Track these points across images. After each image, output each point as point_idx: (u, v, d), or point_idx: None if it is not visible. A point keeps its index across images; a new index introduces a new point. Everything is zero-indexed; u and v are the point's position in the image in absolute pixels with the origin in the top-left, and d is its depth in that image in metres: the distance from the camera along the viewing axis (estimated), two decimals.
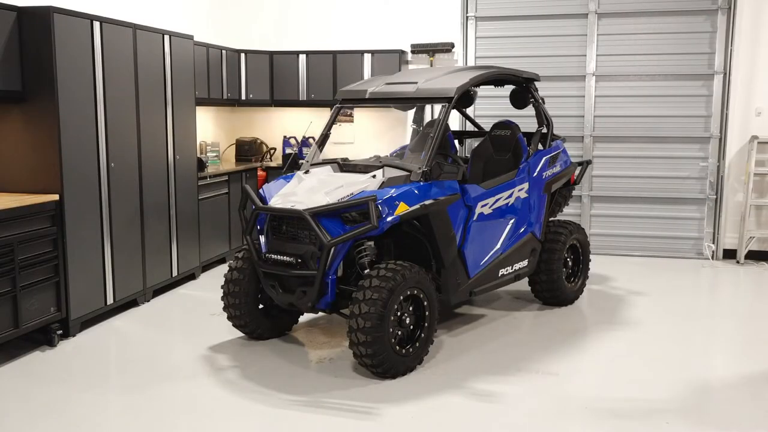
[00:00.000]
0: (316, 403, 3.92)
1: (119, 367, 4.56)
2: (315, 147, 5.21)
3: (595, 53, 7.71)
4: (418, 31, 7.97)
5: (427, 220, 4.50)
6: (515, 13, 7.88)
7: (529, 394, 4.06)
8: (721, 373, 4.48)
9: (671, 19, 7.53)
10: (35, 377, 4.27)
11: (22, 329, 4.50)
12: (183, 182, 6.29)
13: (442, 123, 4.71)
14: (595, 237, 7.78)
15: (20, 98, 4.72)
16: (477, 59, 8.00)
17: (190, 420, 3.74)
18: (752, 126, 7.36)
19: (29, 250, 4.56)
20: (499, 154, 5.66)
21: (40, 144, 4.76)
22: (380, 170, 4.61)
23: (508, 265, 5.24)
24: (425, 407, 3.87)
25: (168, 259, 6.12)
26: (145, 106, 5.69)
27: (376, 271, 4.18)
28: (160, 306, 5.82)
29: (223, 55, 7.58)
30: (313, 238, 4.33)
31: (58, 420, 3.71)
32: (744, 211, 7.35)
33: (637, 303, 5.91)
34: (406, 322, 4.28)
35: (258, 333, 4.86)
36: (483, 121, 7.24)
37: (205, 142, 7.88)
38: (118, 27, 5.32)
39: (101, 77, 5.13)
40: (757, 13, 7.22)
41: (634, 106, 7.72)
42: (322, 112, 8.24)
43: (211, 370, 4.41)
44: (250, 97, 8.07)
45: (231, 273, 4.75)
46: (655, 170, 7.74)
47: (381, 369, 4.16)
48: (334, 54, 7.93)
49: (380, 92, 5.12)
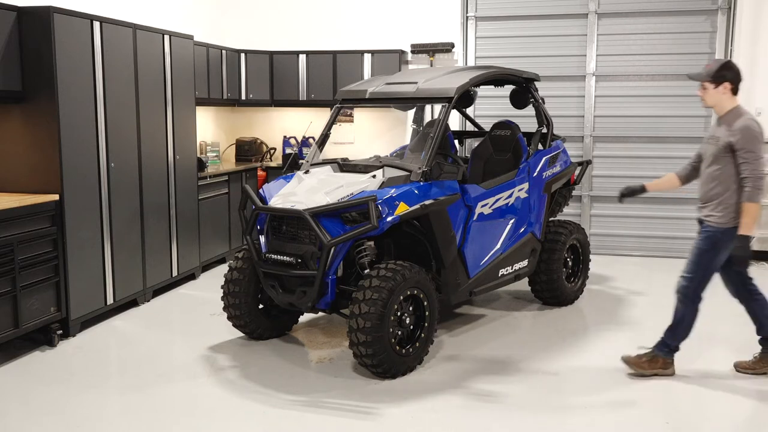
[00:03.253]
0: (316, 403, 3.92)
1: (119, 367, 4.56)
2: (315, 147, 5.21)
3: (595, 53, 7.71)
4: (418, 31, 7.97)
5: (427, 220, 4.50)
6: (515, 13, 7.88)
7: (529, 394, 4.06)
8: (721, 373, 4.48)
9: (671, 19, 7.53)
10: (35, 377, 4.27)
11: (22, 329, 4.50)
12: (183, 182, 6.29)
13: (442, 123, 4.71)
14: (595, 237, 7.77)
15: (20, 98, 4.72)
16: (477, 59, 8.00)
17: (190, 420, 3.74)
18: None
19: (29, 250, 4.56)
20: (499, 154, 5.66)
21: (40, 144, 4.76)
22: (380, 170, 4.61)
23: (508, 265, 5.24)
24: (425, 407, 3.87)
25: (168, 259, 6.12)
26: (145, 106, 5.69)
27: (376, 271, 4.18)
28: (160, 306, 5.82)
29: (223, 55, 7.58)
30: (313, 238, 4.33)
31: (58, 420, 3.71)
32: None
33: (637, 303, 5.90)
34: (406, 322, 4.28)
35: (258, 333, 4.86)
36: (483, 121, 7.23)
37: (205, 142, 7.88)
38: (118, 27, 5.31)
39: (101, 77, 5.13)
40: (757, 13, 7.22)
41: (634, 106, 7.72)
42: (322, 112, 8.24)
43: (211, 370, 4.41)
44: (250, 97, 8.07)
45: (231, 273, 4.75)
46: (655, 170, 7.71)
47: (381, 369, 4.16)
48: (334, 54, 7.93)
49: (380, 92, 5.12)
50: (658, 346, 4.32)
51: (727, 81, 4.04)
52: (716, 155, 4.06)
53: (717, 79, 4.05)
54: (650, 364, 4.29)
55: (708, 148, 4.16)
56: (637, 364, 4.31)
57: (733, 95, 4.08)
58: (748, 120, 3.97)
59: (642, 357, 4.33)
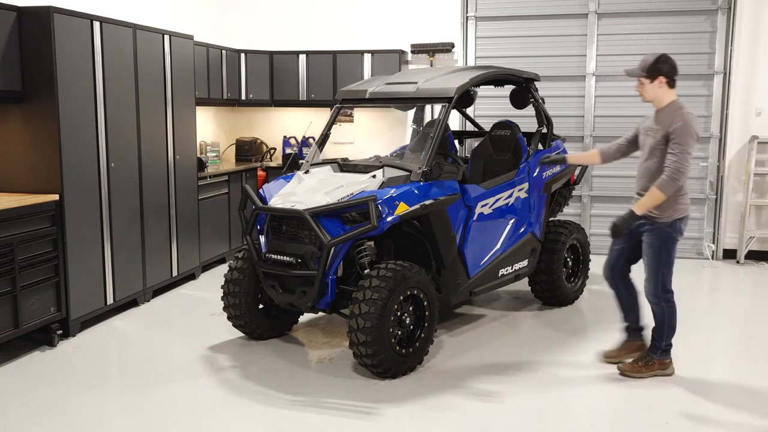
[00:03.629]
0: (316, 403, 3.92)
1: (119, 367, 4.56)
2: (315, 147, 5.21)
3: (595, 53, 7.71)
4: (418, 31, 7.97)
5: (427, 220, 4.50)
6: (515, 13, 7.88)
7: (529, 394, 4.06)
8: (721, 373, 4.48)
9: (671, 19, 7.53)
10: (35, 377, 4.27)
11: (22, 329, 4.50)
12: (183, 182, 6.29)
13: (442, 123, 4.71)
14: (595, 237, 7.77)
15: (20, 98, 4.72)
16: (477, 59, 8.00)
17: (190, 420, 3.74)
18: (752, 126, 7.36)
19: (29, 250, 4.56)
20: (499, 154, 5.66)
21: (40, 144, 4.76)
22: (380, 170, 4.61)
23: (508, 265, 5.24)
24: (425, 407, 3.87)
25: (168, 259, 6.12)
26: (145, 106, 5.69)
27: (376, 271, 4.18)
28: (160, 306, 5.82)
29: (223, 55, 7.58)
30: (313, 238, 4.33)
31: (58, 420, 3.71)
32: (744, 211, 7.35)
33: None
34: (406, 322, 4.28)
35: (258, 333, 4.86)
36: (483, 121, 7.23)
37: (205, 142, 7.88)
38: (118, 27, 5.31)
39: (101, 77, 5.13)
40: (757, 13, 7.22)
41: (634, 106, 7.69)
42: (322, 112, 8.24)
43: (211, 370, 4.41)
44: (250, 97, 8.07)
45: (231, 273, 4.75)
46: None
47: (381, 369, 4.16)
48: (334, 54, 7.93)
49: (380, 92, 5.12)
50: (651, 349, 4.31)
51: (662, 75, 4.07)
52: (654, 148, 4.09)
53: (652, 73, 4.08)
54: (647, 367, 4.27)
55: (646, 141, 4.18)
56: (633, 369, 4.29)
57: (669, 88, 4.10)
58: (687, 114, 4.00)
59: (638, 362, 4.31)
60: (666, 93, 4.10)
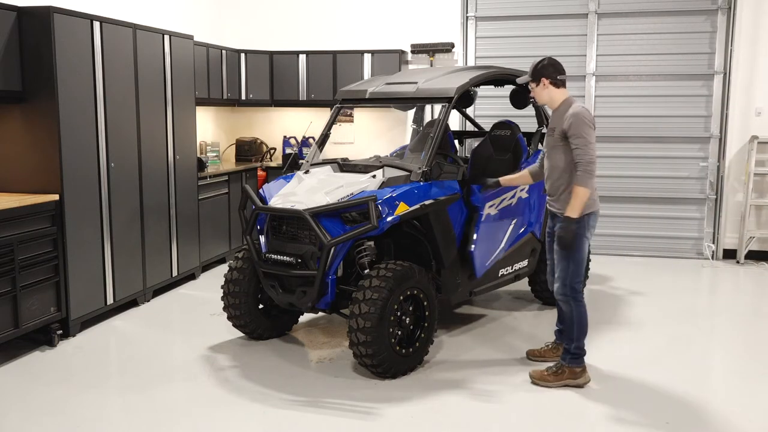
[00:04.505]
0: (316, 403, 3.92)
1: (119, 367, 4.56)
2: (315, 147, 5.21)
3: (595, 53, 7.71)
4: (418, 31, 7.97)
5: (427, 220, 4.50)
6: (515, 13, 7.88)
7: (529, 394, 4.06)
8: (721, 373, 4.48)
9: (671, 19, 7.53)
10: (35, 377, 4.27)
11: (22, 329, 4.50)
12: (183, 182, 6.29)
13: (442, 123, 4.71)
14: (595, 237, 7.74)
15: (20, 98, 4.72)
16: (477, 59, 8.00)
17: (190, 420, 3.74)
18: (752, 126, 7.36)
19: (29, 250, 4.56)
20: (499, 154, 5.66)
21: (40, 144, 4.76)
22: (380, 170, 4.61)
23: (508, 265, 5.24)
24: (425, 407, 3.87)
25: (168, 259, 6.12)
26: (145, 106, 5.69)
27: (376, 271, 4.18)
28: (160, 306, 5.82)
29: (223, 55, 7.58)
30: (313, 238, 4.33)
31: (58, 420, 3.71)
32: (744, 211, 7.35)
33: (637, 303, 5.90)
34: (406, 322, 4.28)
35: (258, 333, 4.86)
36: (483, 121, 7.23)
37: (205, 142, 7.88)
38: (118, 27, 5.31)
39: (101, 77, 5.13)
40: (757, 13, 7.22)
41: (634, 106, 7.72)
42: (322, 112, 8.24)
43: (211, 370, 4.41)
44: (250, 97, 8.07)
45: (231, 273, 4.75)
46: (655, 170, 7.74)
47: (381, 369, 4.16)
48: (334, 54, 7.93)
49: (380, 92, 5.12)
50: (562, 356, 4.21)
51: (543, 77, 4.11)
52: (554, 146, 4.12)
53: (535, 77, 4.13)
54: (556, 376, 4.14)
55: (548, 141, 4.22)
56: (541, 377, 4.18)
57: (557, 88, 4.13)
58: (578, 107, 4.02)
59: (547, 370, 4.20)
60: (556, 93, 4.14)
